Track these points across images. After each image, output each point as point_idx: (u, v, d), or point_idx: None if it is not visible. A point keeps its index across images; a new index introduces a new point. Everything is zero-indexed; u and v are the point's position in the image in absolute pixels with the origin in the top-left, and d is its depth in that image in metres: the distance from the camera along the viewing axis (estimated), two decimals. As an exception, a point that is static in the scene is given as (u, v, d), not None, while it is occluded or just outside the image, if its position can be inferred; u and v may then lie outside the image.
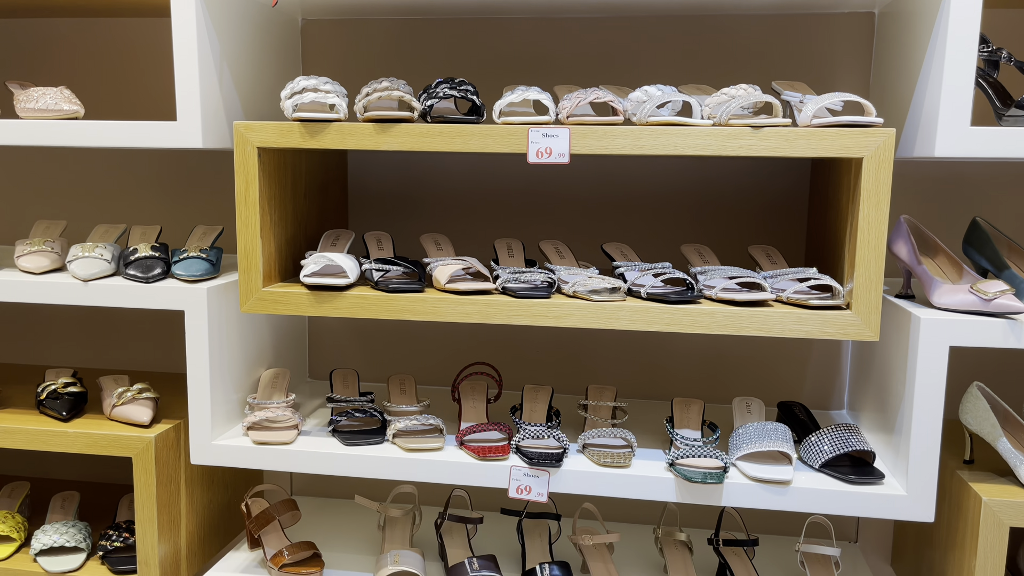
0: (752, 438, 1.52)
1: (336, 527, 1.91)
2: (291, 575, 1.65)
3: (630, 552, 1.80)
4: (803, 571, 1.65)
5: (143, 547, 1.64)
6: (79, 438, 1.64)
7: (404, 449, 1.59)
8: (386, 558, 1.66)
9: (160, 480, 1.63)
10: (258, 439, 1.62)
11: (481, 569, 1.61)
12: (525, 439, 1.58)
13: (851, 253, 1.41)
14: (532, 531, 1.77)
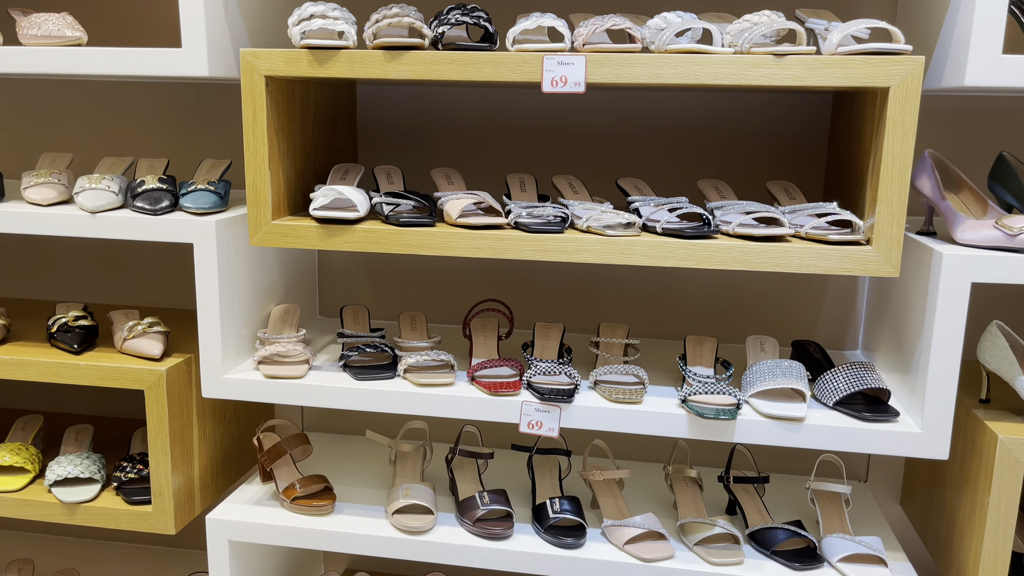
0: (766, 375, 1.51)
1: (347, 462, 1.93)
2: (303, 507, 1.66)
3: (640, 489, 1.81)
4: (813, 509, 1.65)
5: (157, 478, 1.65)
6: (91, 371, 1.64)
7: (415, 384, 1.58)
8: (397, 491, 1.67)
9: (172, 413, 1.64)
10: (269, 373, 1.61)
11: (492, 503, 1.62)
12: (537, 375, 1.57)
13: (873, 187, 1.38)
14: (542, 467, 1.78)
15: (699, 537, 1.56)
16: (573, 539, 1.56)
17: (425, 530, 1.60)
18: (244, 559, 1.71)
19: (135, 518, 1.68)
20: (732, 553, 1.53)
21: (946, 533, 1.58)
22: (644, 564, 1.52)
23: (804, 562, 1.51)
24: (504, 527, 1.59)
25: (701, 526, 1.58)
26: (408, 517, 1.62)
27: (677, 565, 1.52)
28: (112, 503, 1.71)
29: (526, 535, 1.61)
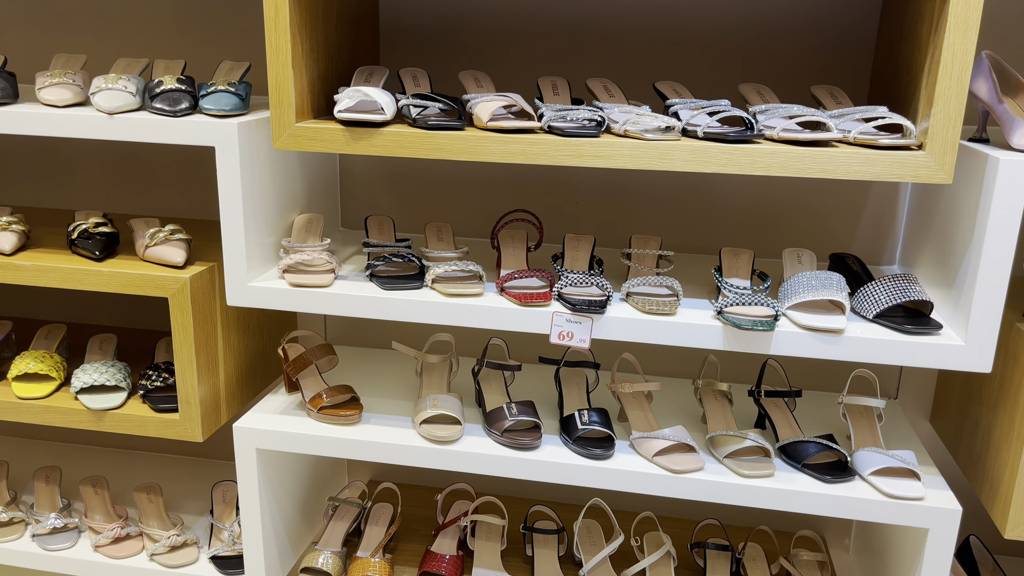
0: (804, 287, 1.47)
1: (372, 374, 1.91)
2: (330, 417, 1.66)
3: (668, 403, 1.79)
4: (845, 424, 1.63)
5: (183, 387, 1.64)
6: (114, 278, 1.61)
7: (444, 294, 1.55)
8: (424, 402, 1.66)
9: (197, 321, 1.62)
10: (294, 281, 1.58)
11: (520, 414, 1.61)
12: (567, 286, 1.53)
13: (929, 89, 1.30)
14: (570, 380, 1.76)
15: (729, 450, 1.54)
16: (602, 450, 1.55)
17: (453, 439, 1.60)
18: (271, 468, 1.72)
19: (162, 425, 1.68)
20: (763, 466, 1.52)
21: (980, 449, 1.56)
22: (674, 475, 1.51)
23: (835, 475, 1.50)
24: (532, 437, 1.58)
25: (731, 439, 1.56)
26: (436, 427, 1.61)
27: (707, 477, 1.51)
28: (139, 411, 1.70)
29: (554, 446, 1.60)
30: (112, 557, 1.81)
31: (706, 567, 1.79)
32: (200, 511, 2.00)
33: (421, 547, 1.88)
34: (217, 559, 1.80)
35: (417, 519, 1.98)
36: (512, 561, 1.83)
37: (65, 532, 1.87)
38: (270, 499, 1.73)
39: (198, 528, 1.93)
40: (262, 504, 1.69)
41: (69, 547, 1.85)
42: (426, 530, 1.94)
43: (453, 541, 1.85)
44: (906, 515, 1.44)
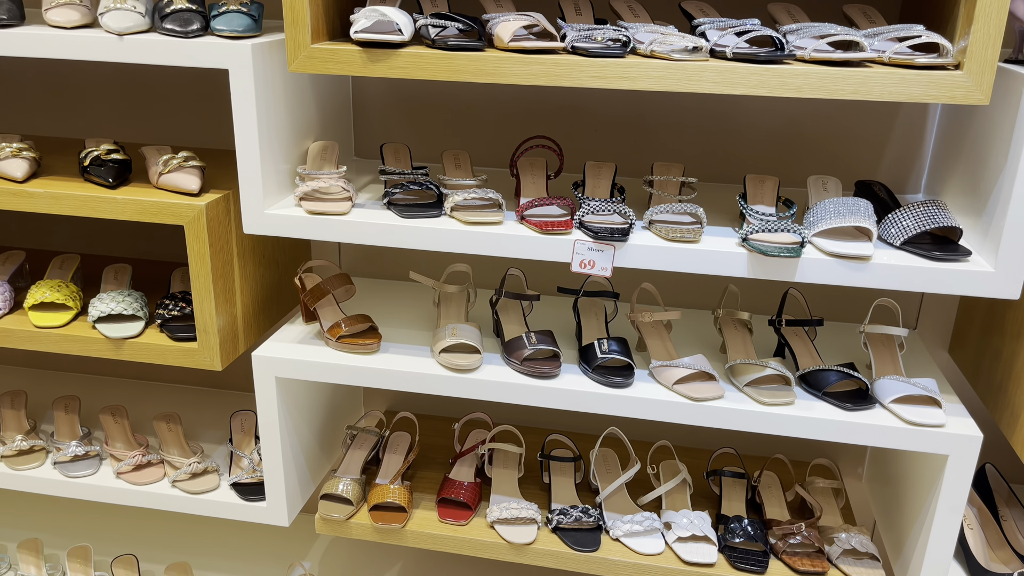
0: (831, 213, 1.45)
1: (389, 304, 1.91)
2: (349, 346, 1.65)
3: (688, 332, 1.79)
4: (865, 353, 1.63)
5: (201, 316, 1.64)
6: (128, 205, 1.59)
7: (463, 223, 1.53)
8: (443, 331, 1.65)
9: (213, 250, 1.60)
10: (311, 209, 1.56)
11: (539, 343, 1.60)
12: (588, 214, 1.51)
13: (968, 6, 1.26)
14: (588, 309, 1.75)
15: (750, 378, 1.54)
16: (621, 378, 1.55)
17: (473, 368, 1.60)
18: (289, 397, 1.72)
19: (181, 354, 1.68)
20: (783, 394, 1.52)
21: (1001, 378, 1.55)
22: (694, 404, 1.51)
23: (856, 403, 1.50)
24: (551, 366, 1.58)
25: (752, 367, 1.56)
26: (455, 356, 1.61)
27: (727, 404, 1.51)
28: (157, 340, 1.70)
29: (573, 375, 1.60)
30: (134, 484, 1.84)
31: (722, 494, 1.80)
32: (218, 440, 2.02)
33: (439, 475, 1.90)
34: (238, 486, 1.82)
35: (434, 448, 2.00)
36: (529, 488, 1.85)
37: (87, 459, 1.89)
38: (289, 427, 1.74)
39: (217, 456, 1.95)
40: (282, 432, 1.71)
41: (91, 474, 1.87)
42: (443, 459, 1.96)
43: (471, 469, 1.87)
44: (927, 442, 1.44)
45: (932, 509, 1.50)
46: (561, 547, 1.68)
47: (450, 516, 1.75)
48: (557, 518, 1.71)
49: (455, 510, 1.77)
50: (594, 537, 1.69)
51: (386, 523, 1.73)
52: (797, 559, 1.63)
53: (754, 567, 1.62)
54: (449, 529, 1.73)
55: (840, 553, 1.64)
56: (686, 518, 1.68)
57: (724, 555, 1.66)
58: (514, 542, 1.68)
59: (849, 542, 1.63)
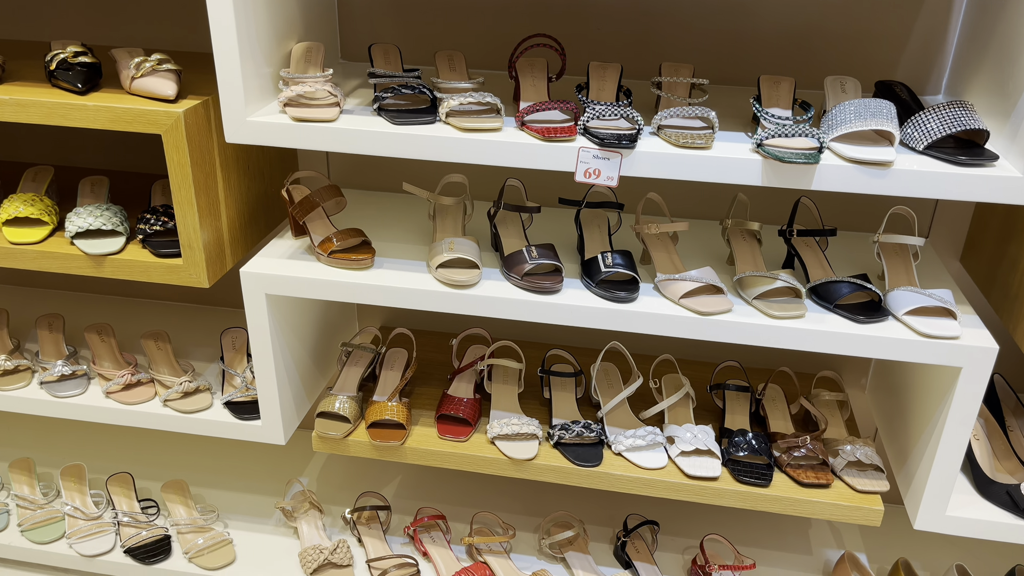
0: (851, 116, 1.36)
1: (381, 218, 1.83)
2: (342, 261, 1.58)
3: (694, 244, 1.72)
4: (878, 263, 1.57)
5: (184, 230, 1.56)
6: (100, 113, 1.48)
7: (459, 129, 1.44)
8: (440, 246, 1.58)
9: (195, 161, 1.50)
10: (297, 115, 1.46)
11: (540, 257, 1.53)
12: (594, 119, 1.42)
13: None
14: (591, 222, 1.68)
15: (759, 291, 1.49)
16: (626, 293, 1.49)
17: (471, 284, 1.53)
18: (280, 314, 1.66)
19: (166, 271, 1.61)
20: (794, 307, 1.47)
21: (1016, 287, 1.50)
22: (701, 318, 1.46)
23: (868, 315, 1.45)
24: (553, 281, 1.52)
25: (761, 280, 1.50)
26: (453, 271, 1.54)
27: (736, 319, 1.46)
28: (140, 256, 1.62)
29: (576, 290, 1.54)
30: (125, 403, 1.79)
31: (725, 408, 1.78)
32: (209, 358, 1.97)
33: (437, 391, 1.86)
34: (232, 404, 1.78)
35: (432, 364, 1.95)
36: (529, 403, 1.82)
37: (74, 379, 1.84)
38: (282, 345, 1.68)
39: (209, 375, 1.91)
40: (274, 350, 1.65)
41: (79, 394, 1.82)
42: (441, 375, 1.92)
43: (470, 385, 1.83)
44: (941, 354, 1.40)
45: (941, 422, 1.47)
46: (563, 462, 1.66)
47: (449, 432, 1.72)
48: (558, 433, 1.68)
49: (454, 426, 1.74)
50: (596, 452, 1.67)
51: (384, 440, 1.70)
52: (801, 471, 1.62)
53: (758, 480, 1.60)
54: (449, 445, 1.70)
55: (844, 465, 1.62)
56: (689, 432, 1.65)
57: (728, 469, 1.64)
58: (515, 458, 1.66)
59: (854, 454, 1.62)
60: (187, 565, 1.89)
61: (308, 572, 1.84)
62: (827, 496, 1.59)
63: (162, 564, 1.89)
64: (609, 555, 1.93)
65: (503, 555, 1.88)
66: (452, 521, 1.99)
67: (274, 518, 2.02)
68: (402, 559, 1.85)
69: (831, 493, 1.60)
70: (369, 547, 1.90)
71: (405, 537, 1.96)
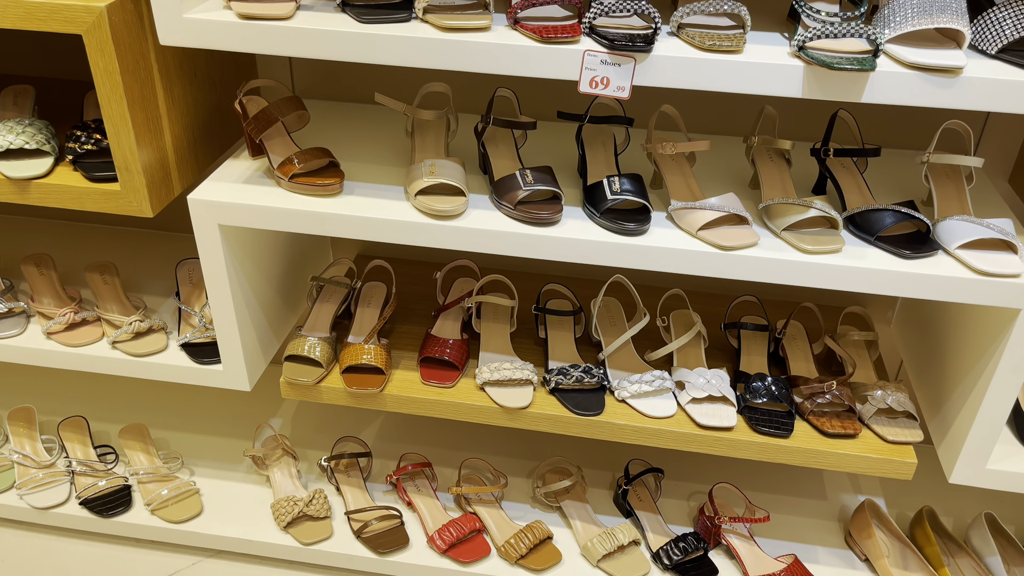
0: (912, 12, 1.13)
1: (350, 135, 1.59)
2: (305, 187, 1.36)
3: (712, 166, 1.51)
4: (927, 186, 1.37)
5: (119, 150, 1.32)
6: (7, 8, 1.22)
7: (439, 28, 1.19)
8: (419, 169, 1.36)
9: (125, 67, 1.26)
10: (244, 11, 1.21)
11: (536, 182, 1.32)
12: (601, 15, 1.18)
13: None
14: (594, 139, 1.46)
15: (789, 221, 1.29)
16: (636, 224, 1.29)
17: (456, 214, 1.32)
18: (238, 246, 1.45)
19: (102, 198, 1.38)
20: (829, 239, 1.27)
21: (1084, 217, 1.31)
22: (723, 253, 1.26)
23: (915, 248, 1.26)
24: (552, 210, 1.31)
25: (792, 208, 1.30)
26: (434, 199, 1.32)
27: (762, 253, 1.26)
28: (71, 179, 1.40)
29: (577, 220, 1.33)
30: (68, 345, 1.59)
31: (740, 348, 1.60)
32: (164, 293, 1.76)
33: (419, 330, 1.67)
34: (189, 347, 1.58)
35: (413, 298, 1.76)
36: (523, 343, 1.64)
37: (11, 317, 1.63)
38: (241, 280, 1.48)
39: (164, 312, 1.70)
40: (232, 286, 1.45)
41: (17, 334, 1.62)
42: (424, 311, 1.72)
43: (456, 323, 1.64)
44: (1000, 295, 1.22)
45: (990, 368, 1.30)
46: (560, 410, 1.49)
47: (434, 378, 1.54)
48: (556, 379, 1.50)
49: (439, 370, 1.56)
50: (597, 399, 1.50)
51: (361, 387, 1.51)
52: (826, 420, 1.46)
53: (778, 430, 1.44)
54: (433, 392, 1.52)
55: (874, 412, 1.46)
56: (702, 377, 1.48)
57: (744, 417, 1.48)
58: (507, 406, 1.48)
59: (885, 400, 1.45)
60: (149, 518, 1.73)
61: (282, 525, 1.69)
62: (854, 447, 1.43)
63: (122, 517, 1.73)
64: (608, 502, 1.79)
65: (494, 504, 1.73)
66: (438, 466, 1.84)
67: (244, 465, 1.86)
68: (385, 510, 1.70)
69: (858, 444, 1.44)
70: (348, 497, 1.75)
71: (388, 485, 1.80)
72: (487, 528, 1.69)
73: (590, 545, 1.63)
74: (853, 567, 1.65)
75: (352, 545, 1.67)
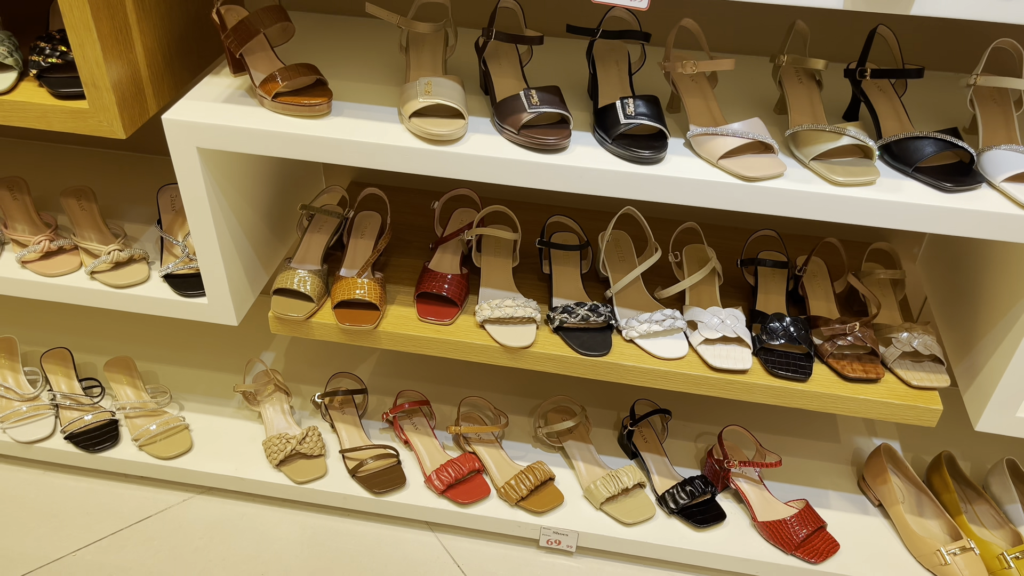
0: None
1: (339, 50, 1.46)
2: (290, 107, 1.24)
3: (736, 86, 1.38)
4: (971, 111, 1.25)
5: (85, 64, 1.20)
6: (-53, -101, 1.09)
7: (436, -74, 1.06)
8: (414, 88, 1.23)
9: (86, -31, 1.13)
10: (216, -95, 1.08)
11: (543, 103, 1.20)
12: (618, -88, 1.04)
13: None
14: (607, 58, 1.33)
15: (819, 150, 1.17)
16: (651, 152, 1.17)
17: (454, 138, 1.20)
18: (219, 171, 1.34)
19: (69, 117, 1.27)
20: (863, 170, 1.16)
21: None
22: (746, 185, 1.15)
23: (957, 181, 1.15)
24: (559, 136, 1.19)
25: (822, 135, 1.18)
26: (430, 121, 1.20)
27: (789, 185, 1.15)
28: (35, 96, 1.28)
29: (587, 146, 1.22)
30: (43, 275, 1.50)
31: (757, 286, 1.51)
32: (145, 220, 1.66)
33: (415, 263, 1.57)
34: (172, 278, 1.49)
35: (409, 228, 1.65)
36: (525, 278, 1.54)
37: (-17, 245, 1.54)
38: (224, 208, 1.37)
39: (146, 241, 1.60)
40: (215, 215, 1.34)
41: (-10, 263, 1.53)
42: (421, 243, 1.63)
43: (455, 257, 1.54)
44: (1049, 235, 1.11)
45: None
46: (565, 350, 1.40)
47: (432, 314, 1.45)
48: (560, 317, 1.41)
49: (437, 307, 1.47)
50: (604, 339, 1.41)
51: (354, 323, 1.42)
52: (846, 363, 1.37)
53: (796, 372, 1.36)
54: (430, 330, 1.44)
55: (898, 356, 1.37)
56: (716, 316, 1.39)
57: (759, 359, 1.39)
58: (509, 345, 1.40)
59: (910, 343, 1.37)
60: (137, 453, 1.67)
61: (274, 463, 1.62)
62: (876, 392, 1.35)
63: (109, 452, 1.67)
64: (613, 443, 1.72)
65: (494, 444, 1.67)
66: (436, 404, 1.77)
67: (235, 400, 1.79)
68: (381, 449, 1.64)
69: (880, 389, 1.36)
70: (343, 435, 1.69)
71: (384, 423, 1.73)
72: (487, 468, 1.63)
73: (593, 487, 1.57)
74: (866, 512, 1.60)
75: (347, 484, 1.62)
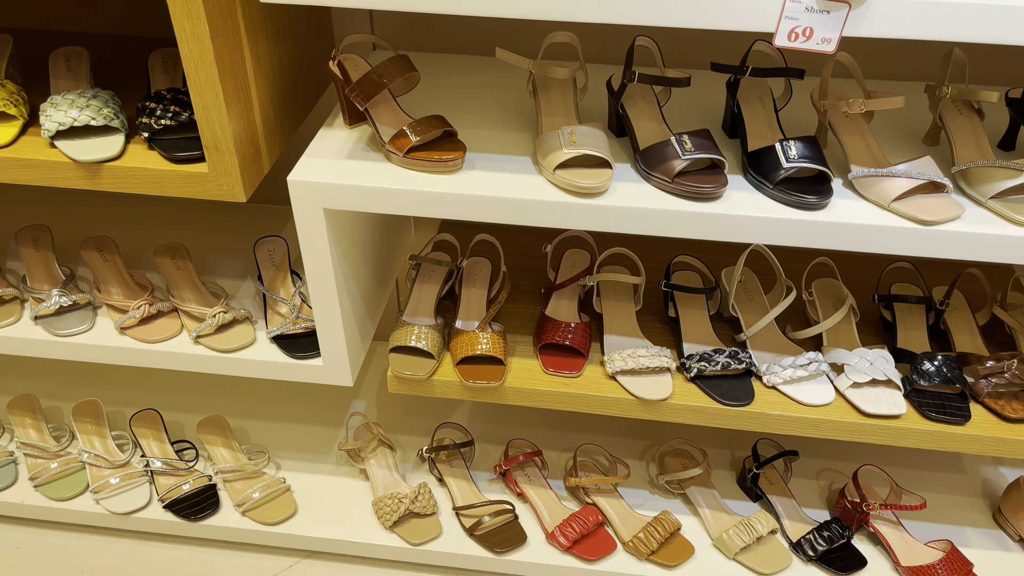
0: None
1: (454, 91, 1.39)
2: (424, 163, 1.17)
3: (888, 125, 1.31)
4: None
5: (208, 126, 1.13)
6: (71, -38, 1.02)
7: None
8: (556, 138, 1.16)
9: (215, 30, 1.06)
10: (363, -42, 1.00)
11: (697, 150, 1.13)
12: (796, -50, 0.97)
13: None
14: (749, 94, 1.26)
15: (998, 188, 1.11)
16: (817, 197, 1.10)
17: (603, 190, 1.13)
18: (339, 228, 1.27)
19: (186, 182, 1.19)
20: (1046, 210, 1.10)
21: None
22: (924, 228, 1.08)
23: None
24: (716, 183, 1.12)
25: (998, 172, 1.12)
26: (576, 173, 1.13)
27: (972, 227, 1.08)
28: (148, 161, 1.20)
29: (741, 191, 1.15)
30: (145, 341, 1.42)
31: (896, 321, 1.44)
32: (237, 274, 1.59)
33: (527, 309, 1.50)
34: (282, 339, 1.42)
35: (516, 271, 1.58)
36: (649, 322, 1.47)
37: (76, 311, 1.47)
38: (342, 265, 1.30)
39: (242, 298, 1.53)
40: (336, 275, 1.27)
41: (85, 330, 1.45)
42: (528, 287, 1.56)
43: (572, 302, 1.47)
44: None
45: None
46: (704, 400, 1.34)
47: (557, 366, 1.38)
48: (698, 365, 1.34)
49: (563, 358, 1.40)
50: (745, 387, 1.35)
51: (479, 380, 1.35)
52: (1004, 402, 1.31)
53: (954, 416, 1.29)
54: (558, 383, 1.37)
55: (1055, 393, 1.31)
56: (864, 358, 1.32)
57: (910, 401, 1.33)
58: (645, 398, 1.33)
59: (1069, 380, 1.30)
60: (241, 520, 1.59)
61: (387, 525, 1.55)
62: (1037, 434, 1.29)
63: (211, 520, 1.59)
64: (732, 484, 1.66)
65: (613, 493, 1.60)
66: (541, 445, 1.70)
67: (333, 455, 1.72)
68: (498, 505, 1.57)
69: (1042, 429, 1.30)
70: (455, 489, 1.61)
71: (491, 473, 1.66)
72: (609, 520, 1.56)
73: (726, 537, 1.50)
74: (1007, 549, 1.54)
75: (464, 543, 1.55)
